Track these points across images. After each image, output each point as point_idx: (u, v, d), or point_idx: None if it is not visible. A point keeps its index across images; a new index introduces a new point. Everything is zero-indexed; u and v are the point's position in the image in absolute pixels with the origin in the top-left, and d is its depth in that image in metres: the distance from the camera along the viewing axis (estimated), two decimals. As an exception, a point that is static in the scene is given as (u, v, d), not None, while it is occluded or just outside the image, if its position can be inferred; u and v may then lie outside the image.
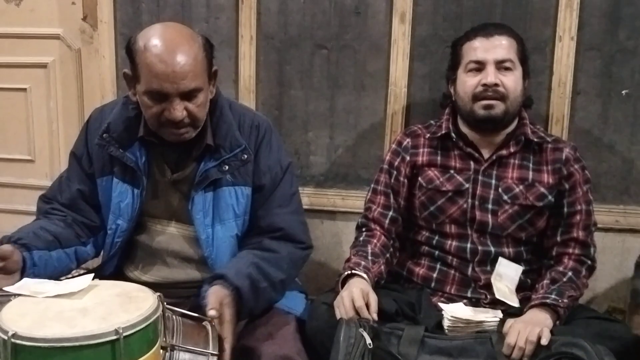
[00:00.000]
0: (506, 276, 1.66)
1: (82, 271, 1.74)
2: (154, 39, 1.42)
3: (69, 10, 2.34)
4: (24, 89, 2.47)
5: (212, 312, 1.29)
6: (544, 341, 1.42)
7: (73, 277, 1.68)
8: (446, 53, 2.05)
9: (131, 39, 1.47)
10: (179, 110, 1.43)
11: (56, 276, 1.53)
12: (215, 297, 1.35)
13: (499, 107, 1.66)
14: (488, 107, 1.66)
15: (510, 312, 1.62)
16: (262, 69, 2.20)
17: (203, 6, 2.19)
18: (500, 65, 1.66)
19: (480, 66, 1.67)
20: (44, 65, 2.42)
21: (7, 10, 2.41)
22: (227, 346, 1.29)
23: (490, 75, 1.65)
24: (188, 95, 1.44)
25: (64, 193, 1.64)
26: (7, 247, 1.38)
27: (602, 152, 2.03)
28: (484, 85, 1.65)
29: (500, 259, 1.67)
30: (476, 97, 1.67)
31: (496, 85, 1.64)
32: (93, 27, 2.30)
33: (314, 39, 2.15)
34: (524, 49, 1.71)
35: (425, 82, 2.10)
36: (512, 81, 1.66)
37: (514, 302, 1.62)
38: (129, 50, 1.47)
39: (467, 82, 1.69)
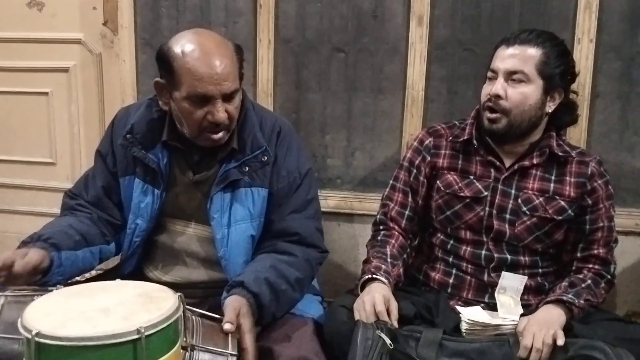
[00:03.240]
0: (510, 288, 1.64)
1: (100, 271, 1.77)
2: (191, 44, 1.44)
3: (90, 16, 2.38)
4: (46, 93, 2.51)
5: (227, 327, 1.28)
6: (560, 342, 1.41)
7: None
8: (464, 56, 2.06)
9: (163, 47, 1.48)
10: (222, 112, 1.46)
11: (79, 274, 1.56)
12: (232, 308, 1.34)
13: (500, 122, 1.62)
14: (491, 121, 1.63)
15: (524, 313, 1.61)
16: (280, 72, 2.21)
17: (222, 10, 2.22)
18: (511, 77, 1.60)
19: (494, 75, 1.63)
20: (65, 70, 2.46)
21: (30, 16, 2.46)
22: (250, 356, 1.28)
23: (496, 86, 1.61)
24: (228, 97, 1.47)
25: (90, 190, 1.67)
26: (35, 257, 1.39)
27: (621, 155, 2.02)
28: (489, 95, 1.62)
29: (504, 273, 1.65)
30: (484, 107, 1.65)
31: (498, 96, 1.60)
32: (114, 31, 2.34)
33: (332, 43, 2.16)
34: (554, 63, 1.60)
35: (443, 85, 2.10)
36: (519, 94, 1.59)
37: (517, 315, 1.60)
38: (163, 59, 1.47)
39: (483, 90, 1.67)
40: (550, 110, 1.64)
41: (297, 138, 1.69)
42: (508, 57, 1.60)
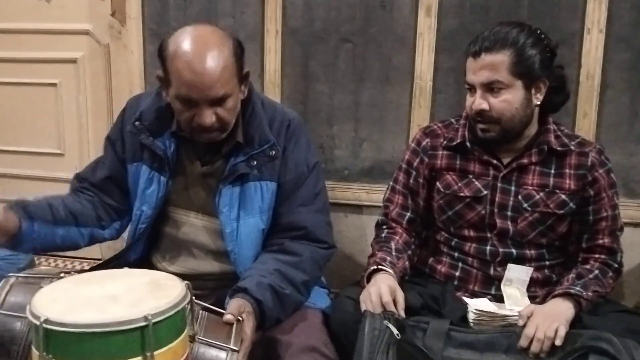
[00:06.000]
0: (516, 279, 1.64)
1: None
2: (184, 46, 1.42)
3: (98, 6, 2.38)
4: (54, 84, 2.52)
5: (228, 317, 1.29)
6: (558, 342, 1.41)
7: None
8: (472, 46, 2.03)
9: (163, 43, 1.47)
10: (207, 116, 1.44)
11: (59, 250, 1.60)
12: (236, 305, 1.36)
13: (493, 130, 1.61)
14: (483, 131, 1.62)
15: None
16: (288, 63, 2.20)
17: (229, 1, 2.21)
18: (489, 87, 1.57)
19: (472, 88, 1.61)
20: (73, 61, 2.47)
21: (38, 7, 2.46)
22: (245, 346, 1.29)
23: (477, 101, 1.59)
24: (217, 102, 1.45)
25: (96, 174, 1.69)
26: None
27: (630, 146, 2.00)
28: (474, 110, 1.61)
29: (509, 265, 1.65)
30: (473, 119, 1.64)
31: (483, 110, 1.58)
32: (121, 22, 2.34)
33: (339, 33, 2.15)
34: (528, 57, 1.55)
35: (451, 75, 2.09)
36: (502, 102, 1.56)
37: (524, 306, 1.60)
38: (160, 55, 1.47)
39: (466, 101, 1.65)
40: (539, 102, 1.61)
41: (306, 131, 1.68)
42: (479, 70, 1.57)
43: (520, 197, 1.65)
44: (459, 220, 1.70)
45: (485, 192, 1.67)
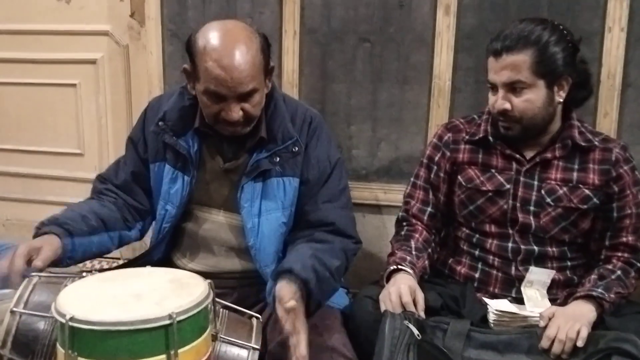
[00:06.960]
0: (537, 282, 1.63)
1: (120, 262, 1.78)
2: (213, 42, 1.44)
3: (117, 7, 2.40)
4: (74, 85, 2.54)
5: (292, 303, 1.28)
6: (580, 343, 1.40)
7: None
8: (491, 45, 2.02)
9: (191, 37, 1.50)
10: (235, 112, 1.47)
11: (92, 258, 1.60)
12: (288, 290, 1.34)
13: (515, 129, 1.60)
14: (505, 128, 1.62)
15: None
16: (305, 63, 2.21)
17: (247, 1, 2.21)
18: (511, 87, 1.56)
19: (494, 87, 1.61)
20: (93, 61, 2.49)
21: (58, 8, 2.48)
22: (303, 338, 1.27)
23: (499, 101, 1.58)
24: (245, 97, 1.47)
25: (119, 175, 1.71)
26: (49, 254, 1.39)
27: (652, 146, 1.98)
28: (496, 109, 1.60)
29: (532, 268, 1.63)
30: (495, 117, 1.63)
31: (505, 110, 1.58)
32: (140, 23, 2.35)
33: (357, 33, 2.15)
34: (551, 56, 1.54)
35: (470, 75, 2.08)
36: (524, 102, 1.56)
37: (544, 308, 1.59)
38: (188, 49, 1.50)
39: (489, 100, 1.65)
40: (562, 100, 1.60)
41: (327, 129, 1.70)
42: (501, 70, 1.56)
43: (543, 191, 1.64)
44: (481, 215, 1.69)
45: (507, 186, 1.66)
